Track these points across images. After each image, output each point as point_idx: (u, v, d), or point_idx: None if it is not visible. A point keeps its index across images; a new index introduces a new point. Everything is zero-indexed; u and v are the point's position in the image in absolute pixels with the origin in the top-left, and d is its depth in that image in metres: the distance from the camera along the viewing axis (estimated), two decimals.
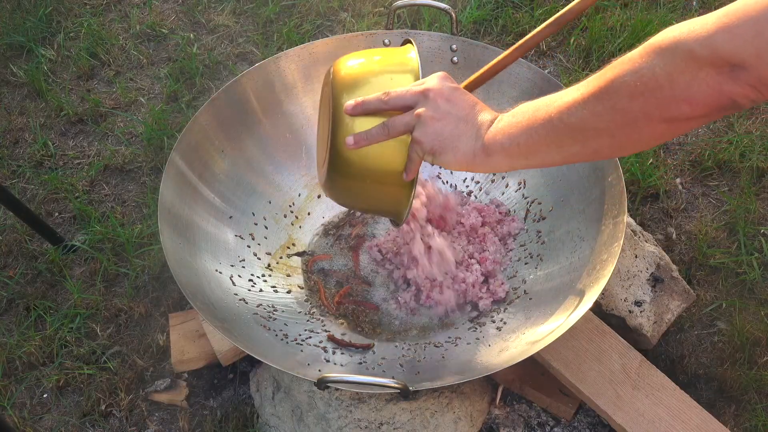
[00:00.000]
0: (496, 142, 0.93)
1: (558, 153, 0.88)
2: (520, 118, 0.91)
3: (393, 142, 1.00)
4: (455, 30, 1.50)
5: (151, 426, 1.47)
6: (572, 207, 1.40)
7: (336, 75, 1.06)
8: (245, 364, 1.50)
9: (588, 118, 0.81)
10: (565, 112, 0.84)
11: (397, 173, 1.02)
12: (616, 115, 0.78)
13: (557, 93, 0.87)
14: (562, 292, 1.26)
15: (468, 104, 0.98)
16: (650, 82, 0.73)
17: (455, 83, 1.01)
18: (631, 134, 0.79)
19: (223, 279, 1.34)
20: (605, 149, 0.84)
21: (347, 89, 1.03)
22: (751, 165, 1.82)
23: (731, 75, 0.67)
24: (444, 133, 0.96)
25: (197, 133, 1.41)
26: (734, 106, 0.70)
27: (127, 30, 2.26)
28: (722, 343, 1.53)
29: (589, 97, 0.80)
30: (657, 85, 0.72)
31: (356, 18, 2.21)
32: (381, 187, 1.05)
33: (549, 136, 0.87)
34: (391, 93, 0.99)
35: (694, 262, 1.66)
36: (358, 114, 1.00)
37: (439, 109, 0.96)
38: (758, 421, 1.41)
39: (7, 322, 1.63)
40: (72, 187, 1.86)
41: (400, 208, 1.08)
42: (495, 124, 0.95)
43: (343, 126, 1.01)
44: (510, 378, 1.38)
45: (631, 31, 2.06)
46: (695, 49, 0.68)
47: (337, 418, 1.28)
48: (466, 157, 0.96)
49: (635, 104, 0.76)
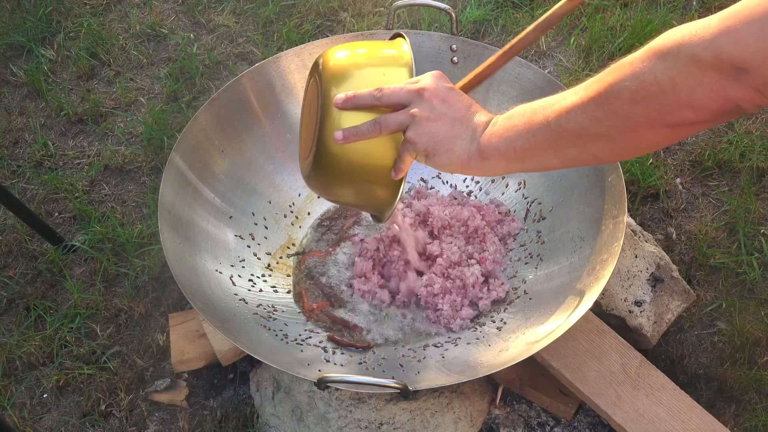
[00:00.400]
0: (492, 145, 0.91)
1: (556, 157, 0.87)
2: (517, 121, 0.89)
3: (383, 140, 0.97)
4: (455, 30, 1.50)
5: (151, 426, 1.47)
6: (572, 207, 1.39)
7: (326, 65, 1.02)
8: (245, 364, 1.50)
9: (587, 123, 0.80)
10: (564, 116, 0.82)
11: (385, 171, 1.00)
12: (616, 120, 0.77)
13: (555, 96, 0.86)
14: (562, 292, 1.26)
15: (463, 105, 0.96)
16: (652, 87, 0.71)
17: (450, 83, 0.99)
18: (632, 139, 0.78)
19: (223, 279, 1.34)
20: (605, 154, 0.82)
21: (337, 81, 0.99)
22: (751, 165, 1.82)
23: (736, 79, 0.65)
24: (439, 135, 0.94)
25: (197, 133, 1.41)
26: (738, 110, 0.68)
27: (127, 30, 2.26)
28: (722, 343, 1.53)
29: (589, 102, 0.79)
30: (659, 90, 0.71)
31: (356, 18, 2.21)
32: (367, 184, 1.03)
33: (547, 140, 0.85)
34: (384, 89, 0.96)
35: (694, 262, 1.66)
36: (348, 108, 0.97)
37: (434, 110, 0.94)
38: (758, 421, 1.41)
39: (7, 322, 1.63)
40: (72, 187, 1.86)
41: (384, 206, 1.06)
42: (490, 127, 0.93)
43: (331, 119, 0.98)
44: (510, 378, 1.38)
45: (631, 31, 2.06)
46: (698, 52, 0.66)
47: (337, 418, 1.28)
48: (461, 159, 0.94)
49: (636, 109, 0.74)
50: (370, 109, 0.97)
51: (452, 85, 0.99)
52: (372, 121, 0.97)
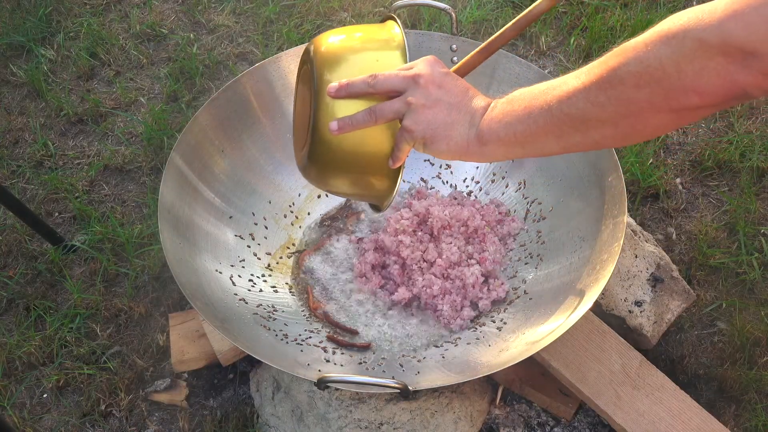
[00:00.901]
0: (491, 130, 0.89)
1: (557, 143, 0.85)
2: (517, 106, 0.87)
3: (379, 128, 0.95)
4: (455, 30, 1.50)
5: (151, 426, 1.47)
6: (572, 207, 1.39)
7: (318, 51, 0.99)
8: (245, 364, 1.50)
9: (590, 108, 0.78)
10: (565, 101, 0.80)
11: (382, 160, 0.98)
12: (620, 105, 0.75)
13: (556, 79, 0.84)
14: (562, 292, 1.26)
15: (460, 90, 0.93)
16: (657, 71, 0.70)
17: (446, 68, 0.96)
18: (636, 124, 0.76)
19: (223, 279, 1.34)
20: (608, 139, 0.81)
21: (329, 68, 0.97)
22: (751, 165, 1.82)
23: (743, 64, 0.64)
24: (436, 121, 0.92)
25: (197, 133, 1.41)
26: (745, 95, 0.67)
27: (127, 30, 2.26)
28: (722, 343, 1.53)
29: (591, 86, 0.77)
30: (664, 75, 0.69)
31: (356, 18, 2.21)
32: (365, 173, 1.01)
33: (548, 125, 0.83)
34: (378, 76, 0.93)
35: (694, 262, 1.66)
36: (342, 97, 0.95)
37: (430, 97, 0.92)
38: (758, 421, 1.41)
39: (7, 322, 1.63)
40: (72, 187, 1.86)
41: (383, 195, 1.04)
42: (489, 112, 0.91)
43: (325, 108, 0.95)
44: (510, 378, 1.38)
45: (631, 31, 2.06)
46: (704, 37, 0.65)
47: (337, 418, 1.28)
48: (459, 146, 0.92)
49: (641, 94, 0.72)
50: (364, 96, 0.95)
51: (448, 69, 0.96)
52: (367, 109, 0.94)
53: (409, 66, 0.95)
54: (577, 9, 2.20)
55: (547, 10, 0.99)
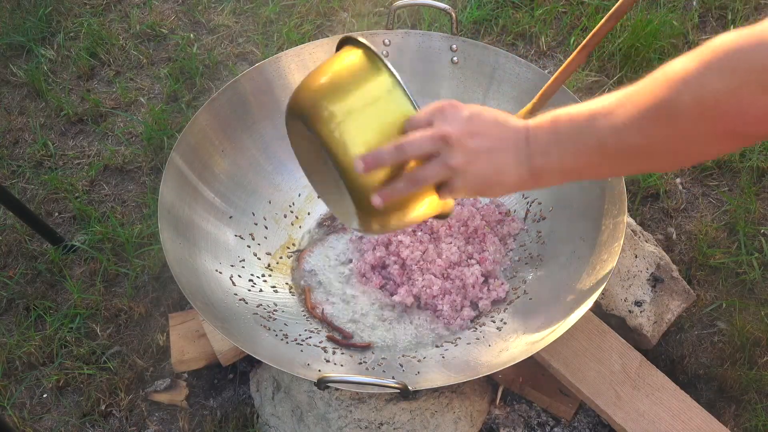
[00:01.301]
0: (544, 169, 0.85)
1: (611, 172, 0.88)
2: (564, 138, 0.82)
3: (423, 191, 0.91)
4: (455, 30, 1.50)
5: (151, 426, 1.47)
6: (572, 207, 1.39)
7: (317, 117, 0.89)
8: (245, 364, 1.50)
9: (645, 143, 0.74)
10: (616, 135, 0.76)
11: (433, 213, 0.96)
12: (678, 140, 0.71)
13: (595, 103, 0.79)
14: (562, 292, 1.26)
15: (492, 127, 0.87)
16: (712, 102, 0.65)
17: (460, 105, 0.88)
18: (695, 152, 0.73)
19: (223, 279, 1.34)
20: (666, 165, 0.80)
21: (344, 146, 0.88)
22: (751, 165, 1.82)
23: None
24: (485, 174, 0.87)
25: (197, 133, 1.41)
26: None
27: (127, 30, 2.26)
28: (722, 343, 1.53)
29: (642, 119, 0.72)
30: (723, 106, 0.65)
31: (356, 18, 2.21)
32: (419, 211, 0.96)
33: (603, 162, 0.81)
34: (404, 144, 0.86)
35: (694, 262, 1.66)
36: (371, 170, 0.88)
37: (469, 153, 0.85)
38: (758, 421, 1.41)
39: (7, 322, 1.63)
40: (72, 187, 1.86)
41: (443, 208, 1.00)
42: (534, 143, 0.85)
43: (360, 187, 0.89)
44: (510, 378, 1.38)
45: (631, 31, 2.06)
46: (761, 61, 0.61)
47: (337, 418, 1.28)
48: (514, 185, 0.88)
49: (700, 127, 0.68)
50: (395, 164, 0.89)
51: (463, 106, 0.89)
52: (406, 180, 0.89)
53: (427, 120, 0.88)
54: (577, 9, 2.20)
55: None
